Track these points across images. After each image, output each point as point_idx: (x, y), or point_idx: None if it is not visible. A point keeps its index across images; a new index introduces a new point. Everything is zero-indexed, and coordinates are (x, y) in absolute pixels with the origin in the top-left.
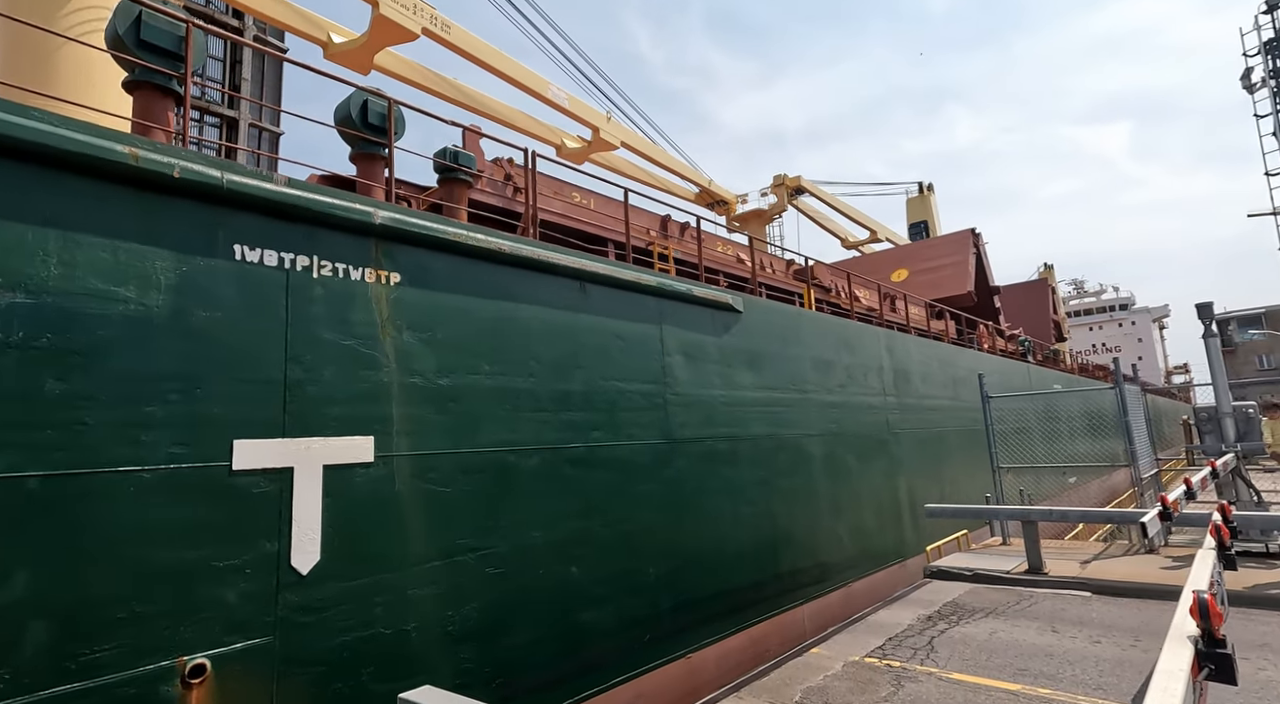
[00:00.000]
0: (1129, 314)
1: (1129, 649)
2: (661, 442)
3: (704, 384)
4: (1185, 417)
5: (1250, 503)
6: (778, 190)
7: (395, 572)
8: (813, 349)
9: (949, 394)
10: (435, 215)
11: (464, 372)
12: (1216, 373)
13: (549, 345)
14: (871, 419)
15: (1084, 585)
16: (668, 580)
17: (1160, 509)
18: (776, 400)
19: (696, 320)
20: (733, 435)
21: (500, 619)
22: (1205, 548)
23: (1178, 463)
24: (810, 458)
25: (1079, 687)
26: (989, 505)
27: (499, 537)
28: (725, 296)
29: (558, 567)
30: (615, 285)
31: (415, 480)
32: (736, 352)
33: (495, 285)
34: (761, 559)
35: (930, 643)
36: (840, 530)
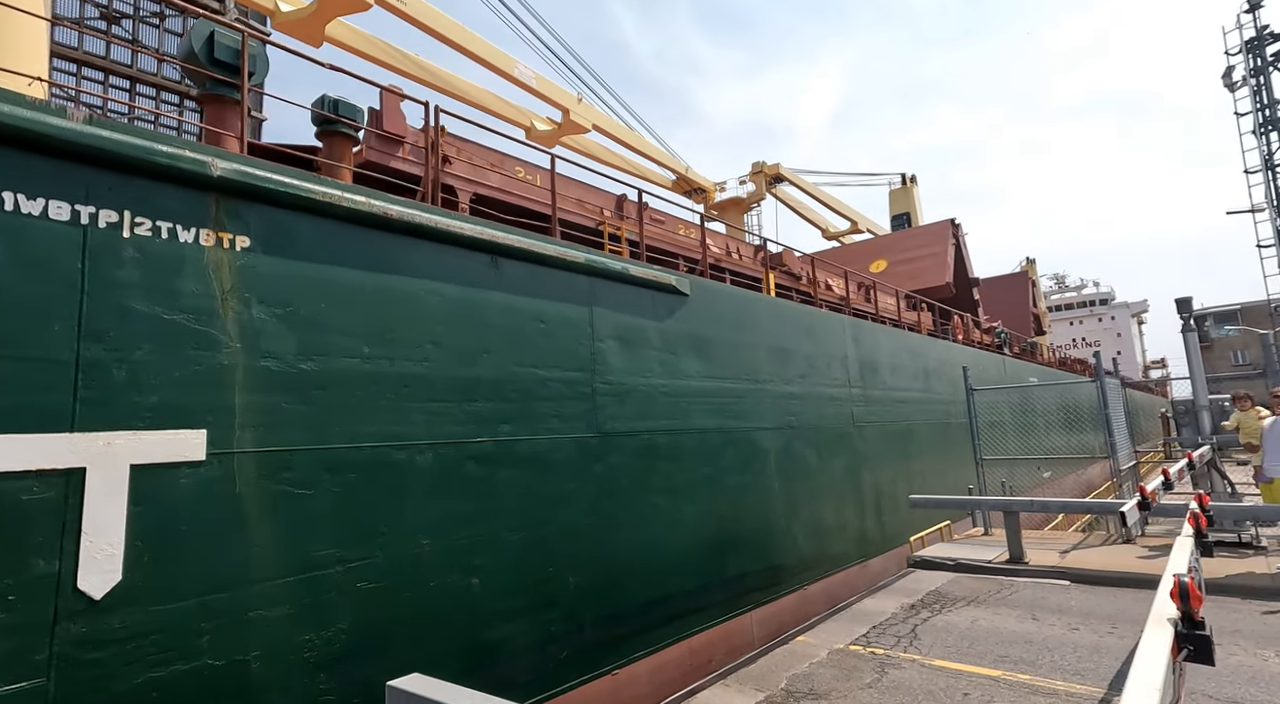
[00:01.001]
0: (1109, 309)
1: (1106, 636)
2: (589, 435)
3: (642, 372)
4: (1163, 410)
5: (1224, 494)
6: (756, 178)
7: (231, 591)
8: (769, 337)
9: (920, 386)
10: (300, 171)
11: (336, 354)
12: (1194, 367)
13: (451, 326)
14: (834, 411)
15: (1063, 574)
16: (592, 589)
17: (1139, 499)
18: (727, 391)
19: (635, 303)
20: (675, 429)
21: (376, 641)
22: (1183, 535)
23: (1155, 455)
24: (764, 453)
25: (1057, 672)
26: (972, 496)
27: (377, 545)
28: (668, 277)
29: (454, 578)
30: (536, 261)
31: (264, 481)
32: (682, 338)
33: (382, 256)
34: (706, 563)
35: (913, 631)
36: (796, 530)
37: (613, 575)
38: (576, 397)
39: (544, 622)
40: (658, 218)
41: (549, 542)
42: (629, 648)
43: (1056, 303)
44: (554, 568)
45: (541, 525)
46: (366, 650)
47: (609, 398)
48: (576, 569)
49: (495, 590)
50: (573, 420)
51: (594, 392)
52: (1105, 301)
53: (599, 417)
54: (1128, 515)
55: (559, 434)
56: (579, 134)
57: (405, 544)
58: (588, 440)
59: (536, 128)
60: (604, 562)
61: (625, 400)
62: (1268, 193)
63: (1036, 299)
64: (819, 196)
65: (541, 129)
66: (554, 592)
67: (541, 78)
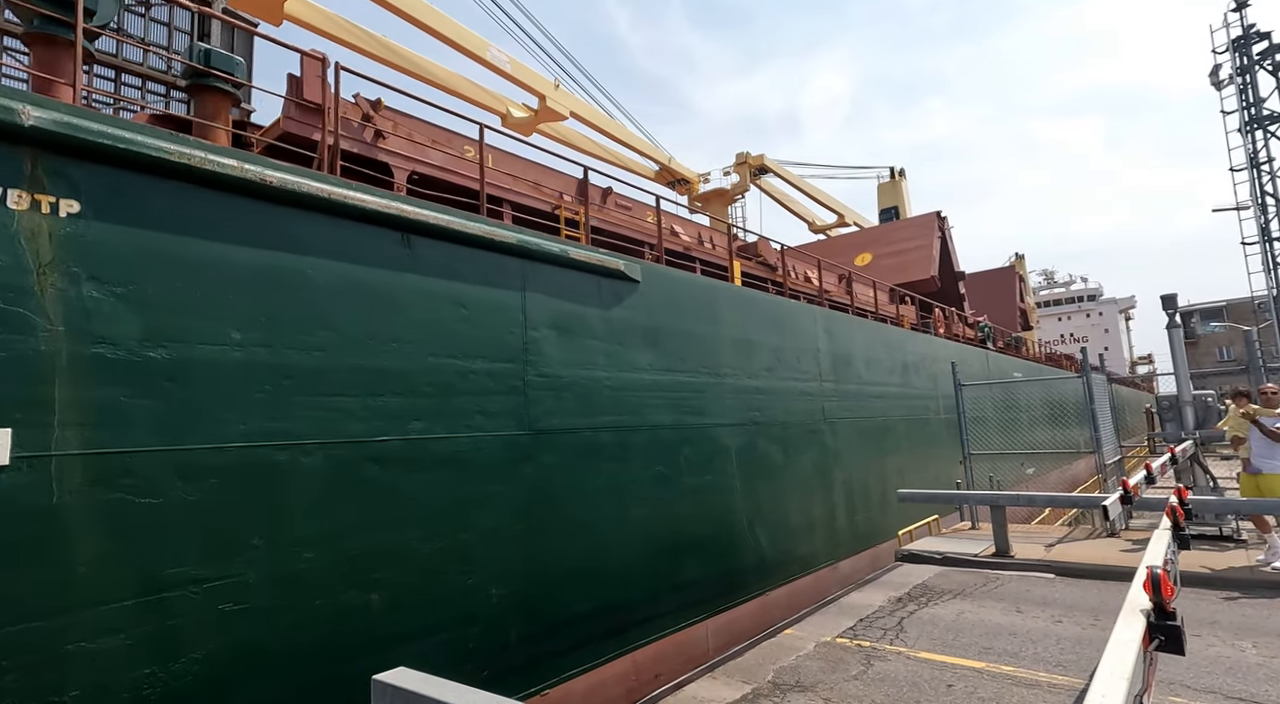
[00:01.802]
0: (1096, 305)
1: (1088, 628)
2: (520, 433)
3: (584, 364)
4: (1148, 405)
5: (1206, 488)
6: (740, 169)
7: (43, 620)
8: (732, 327)
9: (897, 380)
10: (151, 127)
11: (195, 340)
12: (1179, 363)
13: (350, 311)
14: (803, 407)
15: (1048, 567)
16: (520, 601)
17: (1121, 493)
18: (683, 385)
19: (576, 289)
20: (622, 425)
21: (242, 672)
22: (1161, 528)
23: (1140, 450)
24: (724, 450)
25: (1040, 664)
26: (959, 491)
27: (245, 561)
28: (615, 262)
29: (347, 595)
30: (457, 240)
31: (95, 490)
32: (631, 327)
33: (262, 229)
34: (655, 569)
35: (900, 623)
36: (759, 532)
37: (545, 585)
38: (505, 390)
39: (460, 639)
40: (624, 204)
41: (469, 550)
42: (563, 664)
43: (1045, 298)
44: (474, 579)
45: (460, 532)
46: (228, 684)
47: (544, 392)
48: (502, 580)
49: (400, 607)
50: (500, 416)
51: (526, 385)
52: (1093, 297)
53: (531, 412)
54: (1110, 509)
55: (483, 432)
56: (556, 121)
57: (284, 559)
58: (518, 438)
59: (513, 115)
60: (535, 571)
61: (563, 395)
62: (1252, 190)
63: (1024, 294)
64: (804, 189)
65: (518, 116)
66: (474, 605)
67: (516, 62)
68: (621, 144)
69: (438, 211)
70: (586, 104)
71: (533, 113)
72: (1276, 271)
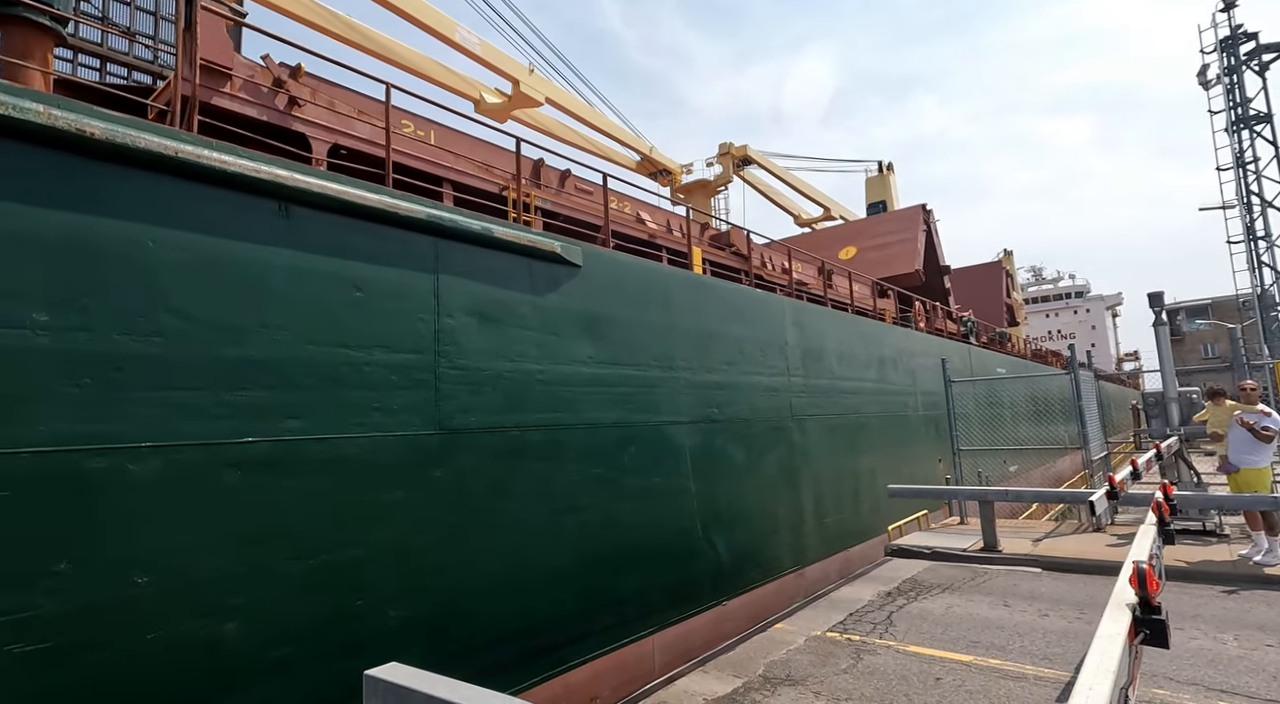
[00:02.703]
0: (1084, 301)
1: (1074, 621)
2: (429, 433)
3: (511, 356)
4: (1134, 402)
5: (1190, 484)
6: (723, 160)
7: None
8: (689, 318)
9: (873, 376)
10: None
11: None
12: (1164, 360)
13: (205, 290)
14: (769, 403)
15: (1035, 562)
16: (425, 624)
17: (1108, 489)
18: (631, 379)
19: (503, 272)
20: (556, 422)
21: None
22: (1146, 523)
23: (1126, 445)
24: (677, 450)
25: (1027, 657)
26: (949, 486)
27: (45, 590)
28: (549, 243)
29: (190, 626)
30: (349, 212)
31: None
32: (569, 315)
33: (83, 192)
34: (593, 581)
35: (889, 618)
36: (715, 538)
37: (456, 604)
38: (411, 385)
39: (344, 671)
40: (584, 188)
41: (358, 568)
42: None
43: (1034, 295)
44: (365, 601)
45: (348, 547)
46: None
47: (460, 386)
48: (403, 600)
49: (263, 637)
50: (404, 413)
51: (438, 378)
52: (1081, 294)
53: (444, 409)
54: (1096, 505)
55: (382, 431)
56: (531, 107)
57: (104, 585)
58: (426, 438)
59: (486, 101)
60: (446, 588)
61: (484, 389)
62: (1238, 190)
63: (1011, 290)
64: (790, 181)
65: (491, 102)
66: (363, 631)
67: (487, 45)
68: (601, 133)
69: (324, 179)
70: (563, 91)
71: (506, 98)
72: (1260, 270)
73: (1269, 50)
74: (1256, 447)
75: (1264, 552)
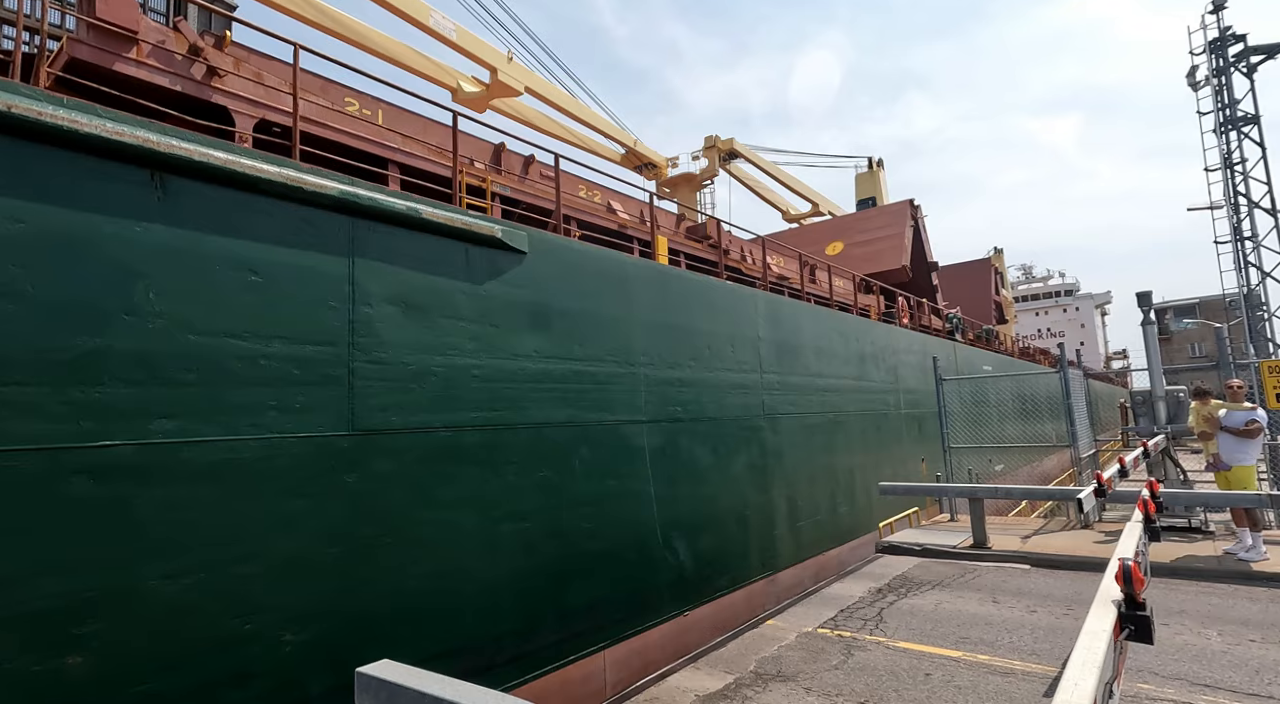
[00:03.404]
0: (1073, 300)
1: (1062, 617)
2: (340, 434)
3: (442, 349)
4: (1122, 400)
5: (1177, 481)
6: (709, 153)
7: None
8: (650, 310)
9: (853, 373)
10: None
11: None
12: (1152, 359)
13: (49, 271)
14: (739, 401)
15: (1024, 558)
16: (329, 649)
17: (1096, 486)
18: (582, 375)
19: (434, 257)
20: (495, 422)
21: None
22: (1133, 521)
23: (1114, 444)
24: (636, 451)
25: (1015, 652)
26: (939, 483)
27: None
28: (489, 226)
29: (27, 660)
30: (242, 185)
31: None
32: (513, 306)
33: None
34: (537, 594)
35: (880, 614)
36: (677, 544)
37: (370, 625)
38: (318, 380)
39: (227, 701)
40: (550, 175)
41: (248, 587)
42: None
43: (1024, 293)
44: (254, 624)
45: (234, 564)
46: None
47: (379, 383)
48: (302, 622)
49: (122, 671)
50: (308, 413)
51: (352, 373)
52: (1070, 292)
53: (359, 407)
54: (1084, 502)
55: (279, 432)
56: (510, 97)
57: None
58: (335, 440)
59: (464, 89)
60: (356, 608)
61: (409, 386)
62: (1226, 190)
63: (999, 287)
64: (777, 176)
65: (469, 90)
66: (252, 657)
67: (464, 31)
68: (585, 125)
69: (209, 147)
70: (544, 80)
71: (484, 87)
72: (1247, 270)
73: (1257, 52)
74: (1244, 444)
75: (1248, 547)
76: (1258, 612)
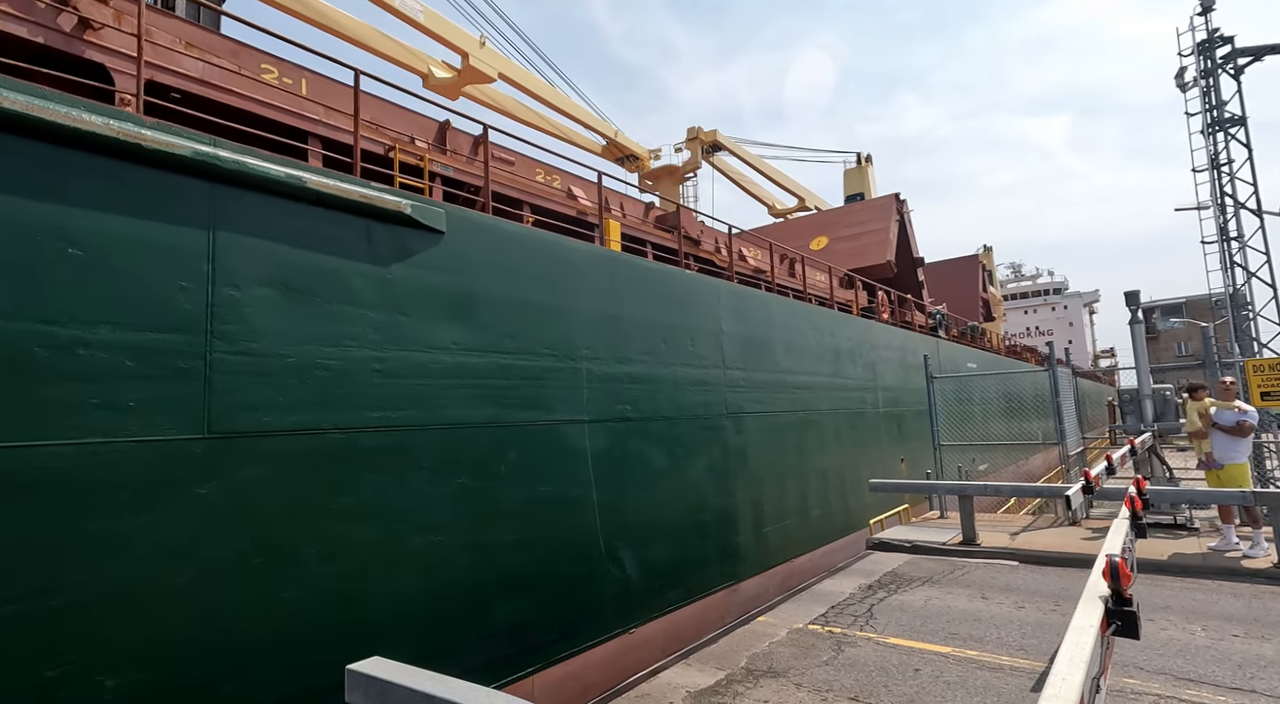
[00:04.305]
0: (1062, 298)
1: (1049, 613)
2: (193, 437)
3: (334, 339)
4: (1110, 398)
5: (1163, 478)
6: (691, 145)
7: None
8: (596, 299)
9: (827, 370)
10: None
11: None
12: (1139, 359)
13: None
14: (699, 399)
15: (1013, 555)
16: (175, 690)
17: (1083, 484)
18: (511, 370)
19: (324, 234)
20: (402, 422)
21: None
22: (1120, 518)
23: (1101, 441)
24: (576, 454)
25: (1003, 648)
26: (929, 481)
27: None
28: (394, 200)
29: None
30: (61, 140)
31: None
32: (426, 292)
33: None
34: (449, 616)
35: (870, 610)
36: (623, 555)
37: (231, 660)
38: (162, 374)
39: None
40: (505, 157)
41: (59, 623)
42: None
43: (1013, 291)
44: (68, 665)
45: (40, 596)
46: None
47: (248, 377)
48: (136, 661)
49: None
50: (148, 412)
51: (210, 366)
52: (1059, 291)
53: (219, 406)
54: (1072, 499)
55: (108, 436)
56: (482, 83)
57: None
58: (185, 445)
59: (435, 75)
60: (210, 641)
61: (289, 381)
62: (1213, 191)
63: (988, 285)
64: (762, 170)
65: (440, 76)
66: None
67: (433, 13)
68: (563, 114)
69: (13, 91)
70: (520, 67)
71: (456, 73)
72: (1233, 270)
73: (1244, 54)
74: (1236, 442)
75: (1253, 544)
76: (1241, 607)
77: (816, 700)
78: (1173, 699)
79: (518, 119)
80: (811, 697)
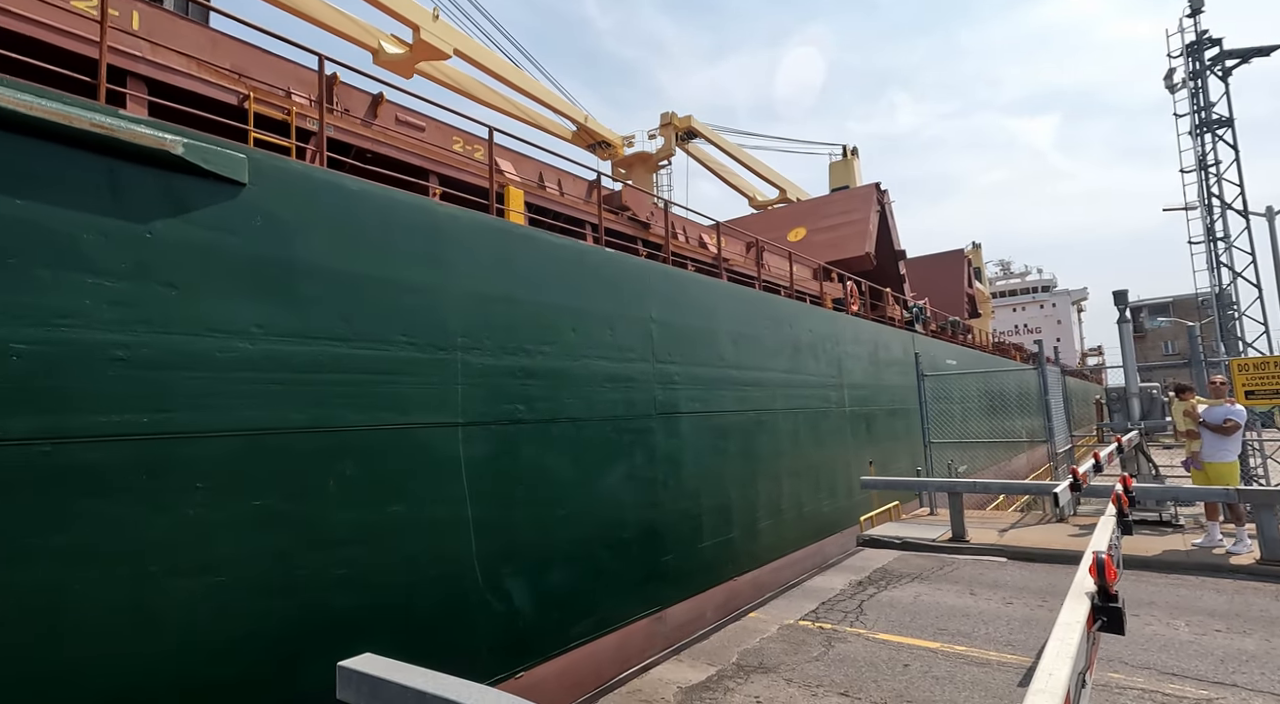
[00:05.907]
0: (1050, 296)
1: (1037, 609)
2: None
3: (42, 316)
4: (1097, 396)
5: (1149, 476)
6: (665, 131)
7: None
8: (478, 279)
9: (783, 365)
10: None
11: None
12: (1126, 358)
13: None
14: (619, 397)
15: (1001, 552)
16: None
17: (1071, 481)
18: (349, 361)
19: (34, 174)
20: (160, 428)
21: None
22: (1106, 515)
23: (1089, 439)
24: (446, 464)
25: (991, 643)
26: (919, 478)
27: None
28: (154, 137)
29: None
30: None
31: None
32: (212, 258)
33: None
34: (232, 684)
35: (860, 606)
36: (510, 585)
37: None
38: None
39: None
40: (414, 122)
41: None
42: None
43: (1001, 289)
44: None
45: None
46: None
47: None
48: None
49: None
50: None
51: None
52: (1047, 288)
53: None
54: (1060, 496)
55: None
56: (436, 59)
57: None
58: None
59: (385, 50)
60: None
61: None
62: (1200, 192)
63: (974, 280)
64: (741, 159)
65: (391, 52)
66: None
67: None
68: (529, 96)
69: None
70: (479, 44)
71: (408, 48)
72: (1219, 270)
73: (1232, 56)
74: (1224, 441)
75: (1236, 541)
76: (1223, 603)
77: (807, 696)
78: (1156, 693)
79: (478, 100)
80: (802, 692)
